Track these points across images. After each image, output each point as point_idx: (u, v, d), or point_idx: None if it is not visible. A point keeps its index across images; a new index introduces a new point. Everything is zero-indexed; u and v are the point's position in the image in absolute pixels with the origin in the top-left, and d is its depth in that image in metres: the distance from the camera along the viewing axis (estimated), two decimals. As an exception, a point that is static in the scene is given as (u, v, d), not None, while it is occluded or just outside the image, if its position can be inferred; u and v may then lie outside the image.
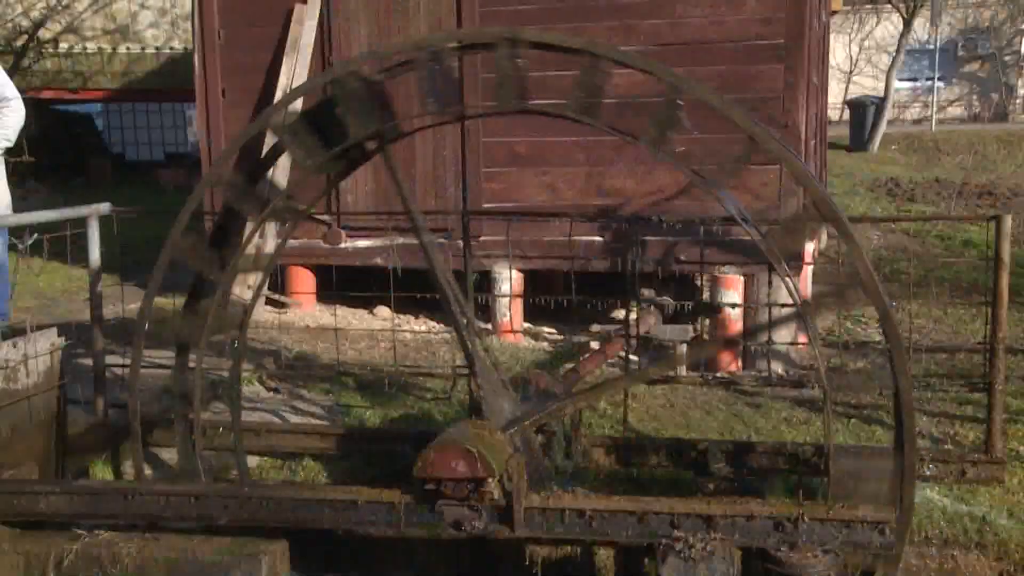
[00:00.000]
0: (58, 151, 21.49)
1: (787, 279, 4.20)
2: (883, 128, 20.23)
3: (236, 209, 4.83)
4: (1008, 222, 5.08)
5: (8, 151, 7.34)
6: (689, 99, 4.05)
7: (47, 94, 21.11)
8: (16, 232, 6.48)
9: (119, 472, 5.90)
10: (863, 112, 20.41)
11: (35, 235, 6.13)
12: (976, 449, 5.46)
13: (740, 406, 6.70)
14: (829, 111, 18.31)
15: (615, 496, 4.55)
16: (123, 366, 6.56)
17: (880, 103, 20.38)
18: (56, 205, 7.19)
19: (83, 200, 6.29)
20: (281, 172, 8.17)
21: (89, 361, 6.14)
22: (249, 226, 4.92)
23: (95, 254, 5.94)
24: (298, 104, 4.71)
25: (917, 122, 27.55)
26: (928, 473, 4.98)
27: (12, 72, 6.87)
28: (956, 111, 29.36)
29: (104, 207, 5.99)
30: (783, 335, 7.74)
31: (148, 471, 5.57)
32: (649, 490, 5.18)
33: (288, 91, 8.90)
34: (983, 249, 6.61)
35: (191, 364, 5.01)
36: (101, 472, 5.86)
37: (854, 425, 6.19)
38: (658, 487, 5.28)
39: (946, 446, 5.82)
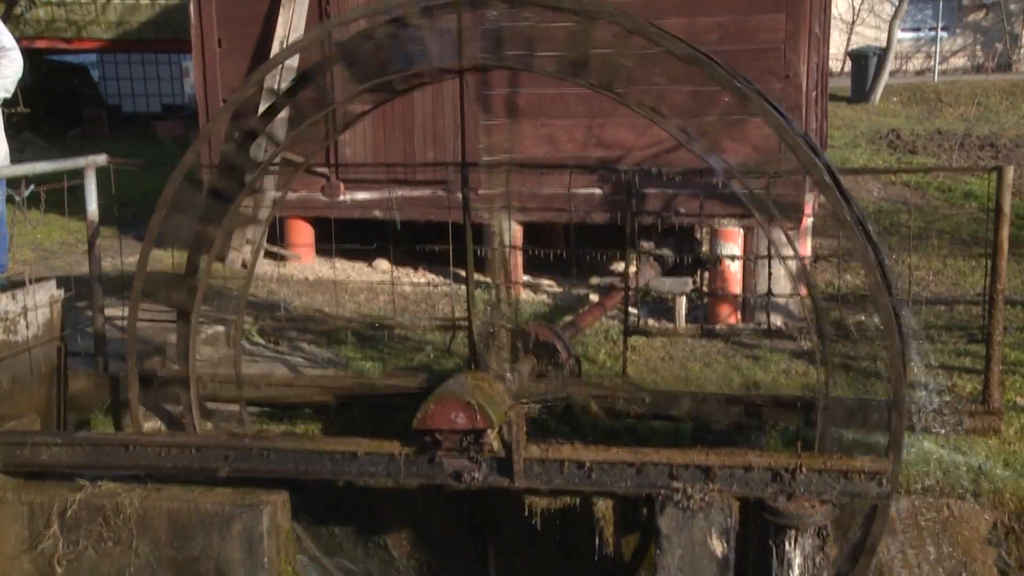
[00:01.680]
0: (53, 102, 21.31)
1: (786, 232, 4.19)
2: (885, 79, 20.05)
3: (234, 162, 4.80)
4: (1010, 173, 5.06)
5: (4, 102, 7.27)
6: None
7: (40, 44, 20.87)
8: (13, 184, 6.44)
9: (120, 424, 5.92)
10: (865, 63, 20.22)
11: (31, 187, 6.09)
12: (974, 400, 5.49)
13: (739, 358, 6.72)
14: (831, 62, 18.13)
15: (614, 447, 4.58)
16: (123, 318, 6.57)
17: (882, 54, 20.18)
18: (52, 157, 7.15)
19: (79, 152, 6.25)
20: (279, 125, 8.10)
21: (89, 314, 6.14)
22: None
23: (92, 206, 5.91)
24: (294, 61, 4.67)
25: (920, 73, 27.31)
26: (925, 424, 5.01)
27: (4, 20, 6.79)
28: (959, 62, 29.07)
29: (101, 159, 5.95)
30: (782, 287, 7.74)
31: (152, 424, 5.61)
32: (648, 442, 5.21)
33: (285, 42, 8.82)
34: (984, 201, 6.62)
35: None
36: (102, 424, 5.89)
37: (851, 377, 6.21)
38: (657, 439, 5.31)
39: (944, 397, 5.84)
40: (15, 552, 4.93)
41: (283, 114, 5.06)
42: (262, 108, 6.32)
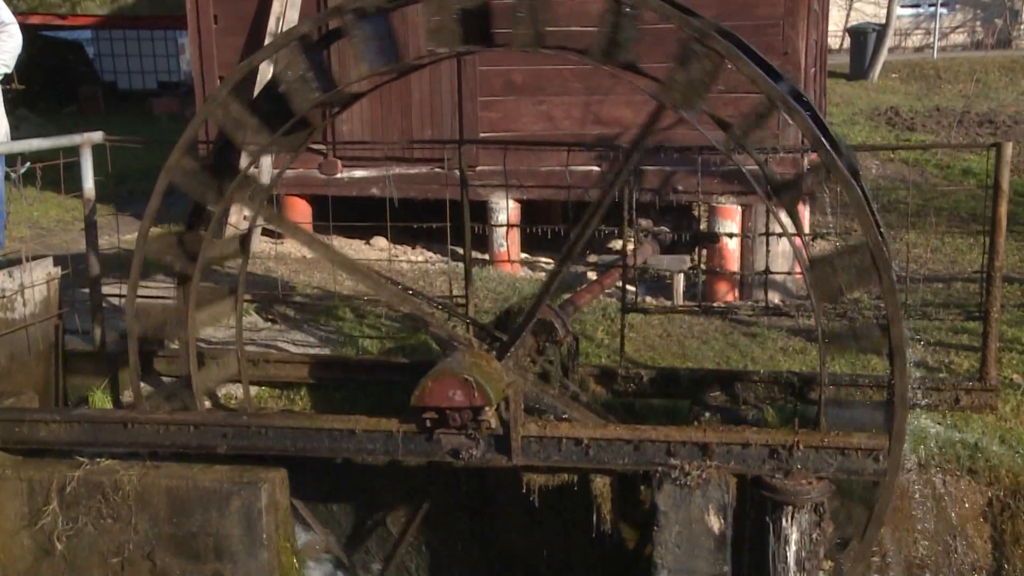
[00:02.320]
0: (48, 79, 21.22)
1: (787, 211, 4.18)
2: (884, 56, 19.96)
3: (232, 139, 4.77)
4: (1008, 150, 5.04)
5: (3, 78, 7.22)
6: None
7: (34, 20, 20.74)
8: (10, 161, 6.42)
9: (118, 401, 5.93)
10: (864, 40, 20.12)
11: (27, 163, 6.07)
12: (970, 377, 5.50)
13: (736, 336, 6.72)
14: (829, 39, 18.05)
15: (612, 424, 4.59)
16: (120, 296, 6.56)
17: (881, 30, 20.09)
18: (48, 134, 7.11)
19: (75, 129, 6.23)
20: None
21: (86, 291, 6.13)
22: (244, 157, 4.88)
23: (89, 183, 5.89)
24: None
25: (919, 49, 27.18)
26: (923, 401, 5.03)
27: (0, -5, 6.77)
28: (959, 38, 28.94)
29: (97, 136, 5.92)
30: (780, 265, 7.74)
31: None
32: (646, 419, 5.22)
33: (281, 19, 8.76)
34: (982, 178, 6.61)
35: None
36: (100, 401, 5.90)
37: (849, 353, 6.22)
38: (655, 416, 5.32)
39: (941, 374, 5.85)
40: (15, 528, 4.95)
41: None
42: (257, 90, 6.31)
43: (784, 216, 4.31)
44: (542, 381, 4.86)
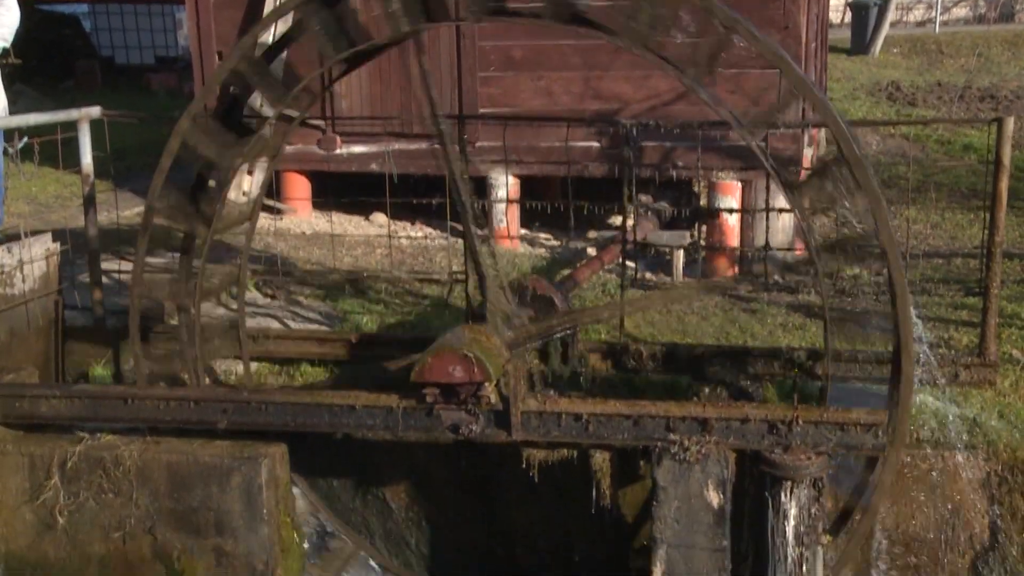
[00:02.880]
0: (45, 53, 21.06)
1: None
2: (885, 30, 19.85)
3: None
4: (1010, 124, 5.02)
5: (2, 52, 7.17)
6: None
7: (29, -7, 20.58)
8: (6, 136, 6.39)
9: (118, 376, 5.94)
10: (865, 14, 20.00)
11: (25, 139, 6.05)
12: (970, 352, 5.50)
13: (736, 311, 6.72)
14: (830, 13, 17.95)
15: (611, 400, 4.60)
16: (119, 271, 6.56)
17: (883, 4, 19.96)
18: (45, 109, 7.08)
19: (72, 104, 6.20)
20: (277, 64, 8.02)
21: (85, 267, 6.13)
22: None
23: (87, 159, 5.86)
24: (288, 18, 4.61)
25: (921, 24, 27.01)
26: (922, 376, 5.03)
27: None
28: (961, 12, 28.76)
29: (95, 111, 5.89)
30: (780, 240, 7.73)
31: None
32: (645, 395, 5.22)
33: (279, -9, 8.69)
34: (983, 153, 6.59)
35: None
36: (100, 376, 5.90)
37: (849, 329, 6.22)
38: (654, 392, 5.33)
39: (940, 350, 5.86)
40: (16, 503, 4.97)
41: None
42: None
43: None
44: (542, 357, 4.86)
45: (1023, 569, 4.95)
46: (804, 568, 4.30)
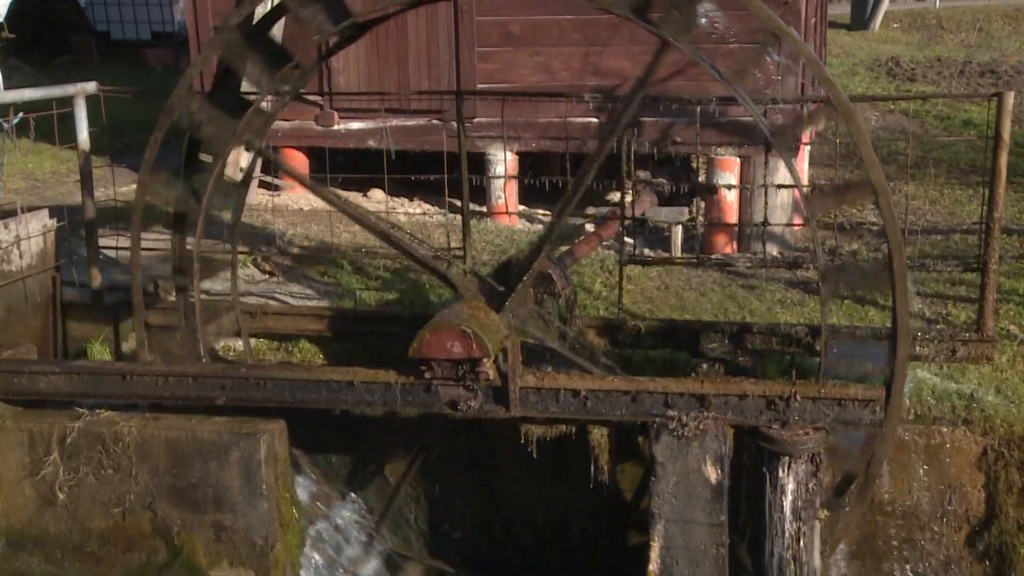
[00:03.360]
0: (40, 28, 20.92)
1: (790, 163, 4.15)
2: (885, 5, 19.76)
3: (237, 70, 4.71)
4: (1010, 99, 5.00)
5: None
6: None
7: (24, -34, 20.41)
8: (1, 111, 6.36)
9: (116, 352, 5.94)
10: (865, -12, 19.93)
11: (20, 114, 6.02)
12: (967, 328, 5.51)
13: (735, 288, 6.72)
14: (831, -12, 17.83)
15: (609, 376, 4.60)
16: (116, 248, 6.54)
17: (884, -22, 19.88)
18: (40, 84, 7.04)
19: (68, 79, 6.16)
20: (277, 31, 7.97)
21: (82, 243, 6.11)
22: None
23: (83, 134, 5.84)
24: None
25: (920, -1, 26.91)
26: (920, 352, 5.03)
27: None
28: (961, -13, 28.62)
29: (91, 86, 5.86)
30: (779, 217, 7.72)
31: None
32: (643, 371, 5.23)
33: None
34: (983, 129, 6.56)
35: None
36: (98, 352, 5.90)
37: (848, 306, 6.23)
38: (652, 368, 5.34)
39: (938, 326, 5.87)
40: (16, 478, 4.98)
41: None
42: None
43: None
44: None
45: (1019, 543, 4.98)
46: (801, 543, 4.32)
